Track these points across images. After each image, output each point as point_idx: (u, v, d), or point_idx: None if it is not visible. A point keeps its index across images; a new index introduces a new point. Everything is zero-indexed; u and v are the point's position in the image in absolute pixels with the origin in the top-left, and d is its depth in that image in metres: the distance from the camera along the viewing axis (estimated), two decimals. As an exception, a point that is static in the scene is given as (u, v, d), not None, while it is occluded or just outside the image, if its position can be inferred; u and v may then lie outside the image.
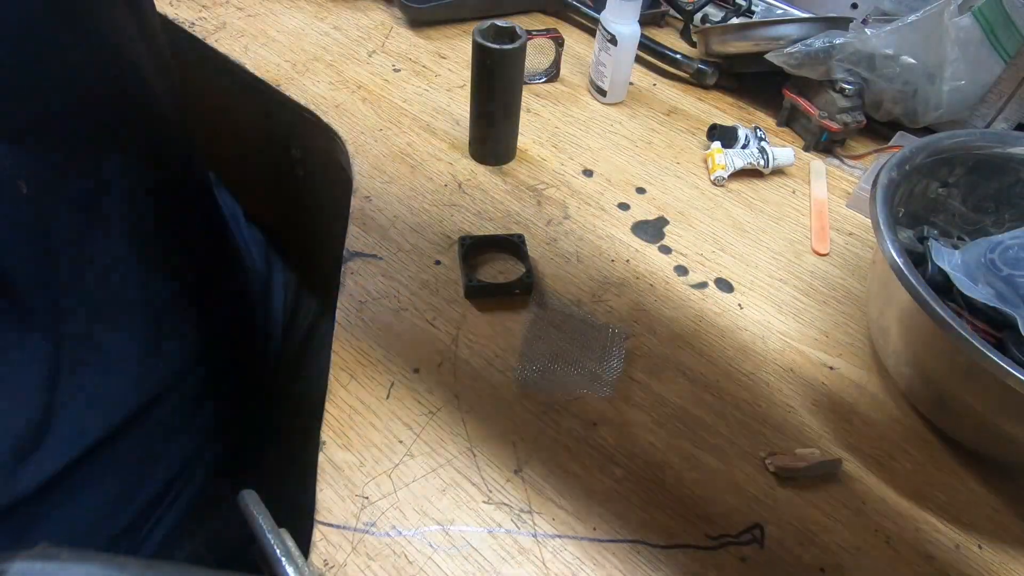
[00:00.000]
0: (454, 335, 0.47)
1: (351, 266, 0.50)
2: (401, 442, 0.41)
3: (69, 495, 0.40)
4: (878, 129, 0.68)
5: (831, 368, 0.48)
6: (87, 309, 0.39)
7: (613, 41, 0.64)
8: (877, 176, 0.45)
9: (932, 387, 0.41)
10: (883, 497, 0.42)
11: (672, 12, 0.81)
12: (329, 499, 0.38)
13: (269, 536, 0.30)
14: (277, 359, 0.63)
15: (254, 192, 0.86)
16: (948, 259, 0.45)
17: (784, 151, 0.63)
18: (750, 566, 0.37)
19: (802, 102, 0.66)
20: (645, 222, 0.57)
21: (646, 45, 0.74)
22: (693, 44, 0.76)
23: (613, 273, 0.53)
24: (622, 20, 0.64)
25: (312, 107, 0.64)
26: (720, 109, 0.71)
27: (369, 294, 0.49)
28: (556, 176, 0.60)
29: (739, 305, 0.52)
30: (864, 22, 0.67)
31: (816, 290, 0.54)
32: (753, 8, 0.77)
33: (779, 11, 0.77)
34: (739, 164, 0.62)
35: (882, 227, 0.41)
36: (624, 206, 0.58)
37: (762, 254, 0.56)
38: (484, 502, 0.38)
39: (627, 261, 0.54)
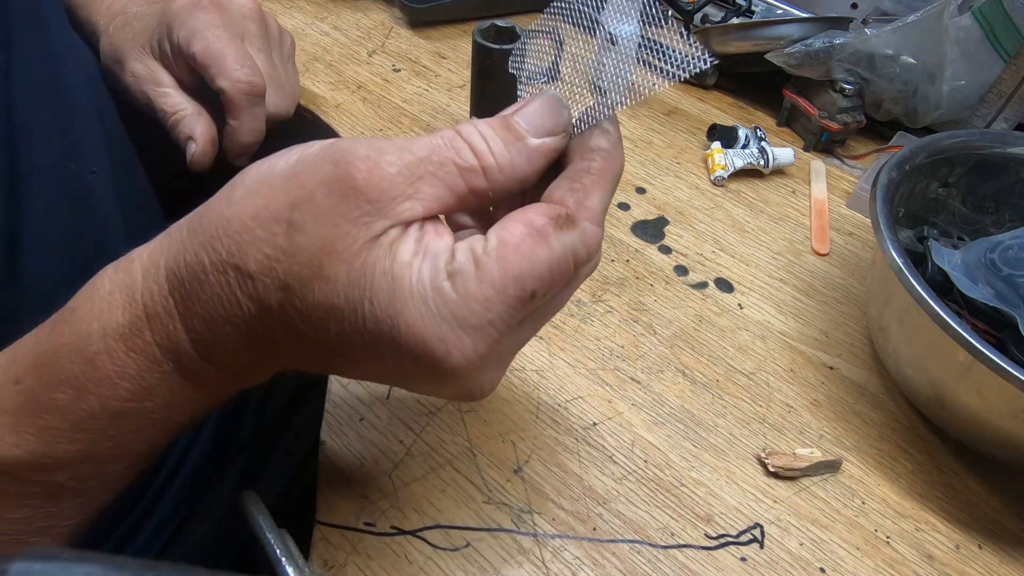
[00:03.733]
0: (454, 335, 0.47)
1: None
2: (401, 442, 0.41)
3: None
4: (878, 129, 0.68)
5: (831, 368, 0.48)
6: None
7: (613, 41, 0.64)
8: (877, 176, 0.45)
9: (932, 387, 0.41)
10: (883, 497, 0.42)
11: (672, 12, 0.81)
12: (329, 499, 0.37)
13: (269, 536, 0.30)
14: None
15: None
16: (948, 259, 0.45)
17: (784, 151, 0.63)
18: (750, 566, 0.37)
19: (802, 102, 0.66)
20: (645, 222, 0.57)
21: (646, 45, 0.74)
22: (693, 44, 0.76)
23: (613, 273, 0.53)
24: (622, 20, 0.64)
25: (312, 107, 0.64)
26: (720, 109, 0.71)
27: (369, 294, 0.49)
28: (556, 176, 0.60)
29: (739, 305, 0.52)
30: (864, 22, 0.67)
31: (816, 290, 0.54)
32: (753, 8, 0.77)
33: (779, 11, 0.76)
34: (739, 164, 0.62)
35: (882, 227, 0.41)
36: (624, 206, 0.58)
37: (762, 254, 0.56)
38: (484, 502, 0.38)
39: (627, 261, 0.54)
